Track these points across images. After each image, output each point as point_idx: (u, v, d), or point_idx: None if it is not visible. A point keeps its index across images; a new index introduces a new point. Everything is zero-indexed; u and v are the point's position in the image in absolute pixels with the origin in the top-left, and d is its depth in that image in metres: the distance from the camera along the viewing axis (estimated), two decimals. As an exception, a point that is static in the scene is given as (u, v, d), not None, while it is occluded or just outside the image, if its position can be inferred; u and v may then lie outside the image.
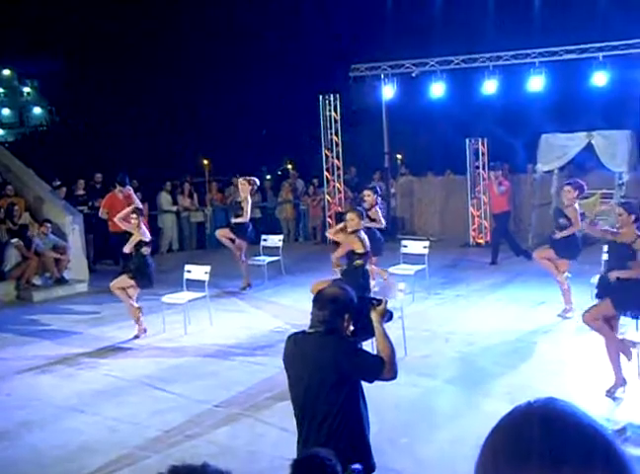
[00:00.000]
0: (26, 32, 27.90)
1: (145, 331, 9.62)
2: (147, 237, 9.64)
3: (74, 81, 25.95)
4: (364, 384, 3.88)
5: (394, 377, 3.91)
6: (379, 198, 10.91)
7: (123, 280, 9.55)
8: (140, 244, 9.53)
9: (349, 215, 8.20)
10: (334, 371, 3.68)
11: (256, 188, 12.55)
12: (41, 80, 38.01)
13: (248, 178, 12.25)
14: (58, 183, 15.29)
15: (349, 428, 3.71)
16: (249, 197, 11.97)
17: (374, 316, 3.86)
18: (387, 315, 3.95)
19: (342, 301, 3.77)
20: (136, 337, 9.52)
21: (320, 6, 25.93)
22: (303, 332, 3.91)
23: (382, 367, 3.76)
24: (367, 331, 3.89)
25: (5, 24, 27.32)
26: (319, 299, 3.80)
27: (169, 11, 26.01)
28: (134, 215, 9.61)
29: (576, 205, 9.22)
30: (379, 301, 3.91)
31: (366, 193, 10.60)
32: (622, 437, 5.69)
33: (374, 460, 3.87)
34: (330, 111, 16.85)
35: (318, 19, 25.72)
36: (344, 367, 3.69)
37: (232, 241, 12.14)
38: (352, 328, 3.88)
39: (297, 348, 3.87)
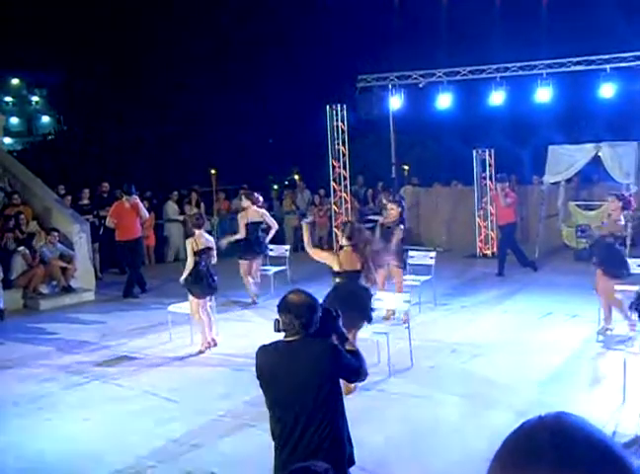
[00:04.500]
0: (34, 40, 28.08)
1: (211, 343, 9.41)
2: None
3: (81, 90, 26.06)
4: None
5: (365, 379, 4.23)
6: (404, 212, 10.07)
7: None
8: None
9: (389, 205, 7.85)
10: (329, 373, 3.80)
11: (258, 199, 12.20)
12: (50, 89, 38.13)
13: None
14: (63, 191, 15.34)
15: (333, 426, 3.81)
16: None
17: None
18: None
19: (314, 307, 3.90)
20: (200, 352, 9.30)
21: (328, 17, 26.05)
22: (281, 341, 3.96)
23: (361, 368, 4.00)
24: (322, 334, 3.95)
25: (14, 33, 27.53)
26: (295, 307, 3.86)
27: (178, 22, 26.15)
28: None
29: None
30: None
31: (390, 206, 9.83)
32: (632, 451, 5.66)
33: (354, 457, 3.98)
34: (337, 121, 16.86)
35: (325, 30, 25.83)
36: (335, 369, 3.82)
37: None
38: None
39: (282, 356, 3.94)
